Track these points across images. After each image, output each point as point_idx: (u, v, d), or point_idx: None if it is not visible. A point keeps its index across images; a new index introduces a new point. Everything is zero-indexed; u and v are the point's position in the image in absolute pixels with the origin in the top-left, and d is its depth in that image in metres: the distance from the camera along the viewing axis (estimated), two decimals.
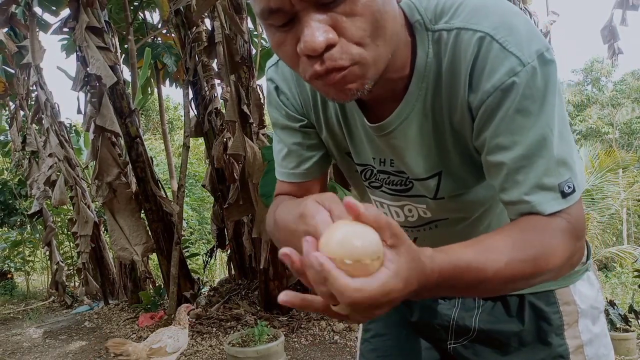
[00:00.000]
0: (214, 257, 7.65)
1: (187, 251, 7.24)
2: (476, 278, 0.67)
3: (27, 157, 6.84)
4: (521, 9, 6.84)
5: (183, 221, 5.88)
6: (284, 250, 0.55)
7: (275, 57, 0.98)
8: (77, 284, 7.93)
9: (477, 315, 1.05)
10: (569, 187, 0.75)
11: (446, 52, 0.79)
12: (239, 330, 4.98)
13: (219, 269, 10.30)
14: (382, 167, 0.96)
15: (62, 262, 7.47)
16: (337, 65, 0.69)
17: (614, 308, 4.72)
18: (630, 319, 4.75)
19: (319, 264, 0.52)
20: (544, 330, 0.99)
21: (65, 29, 5.98)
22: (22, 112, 7.09)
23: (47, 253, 7.64)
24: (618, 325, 4.61)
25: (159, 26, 7.38)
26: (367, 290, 0.53)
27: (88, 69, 5.39)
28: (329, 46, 0.67)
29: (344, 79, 0.70)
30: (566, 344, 0.98)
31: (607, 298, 5.65)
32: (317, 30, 0.66)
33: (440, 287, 0.64)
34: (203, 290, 6.63)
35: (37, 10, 6.64)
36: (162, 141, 8.11)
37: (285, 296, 0.58)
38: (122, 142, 5.93)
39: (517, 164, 0.76)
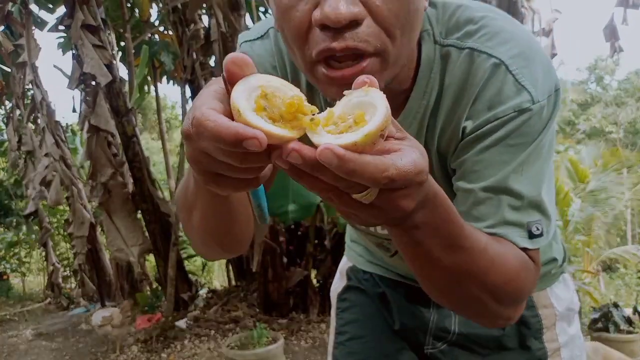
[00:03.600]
0: None
1: (185, 252, 7.18)
2: (458, 235, 0.62)
3: (23, 156, 6.78)
4: (525, 7, 6.81)
5: (180, 222, 5.80)
6: (292, 146, 0.43)
7: (253, 32, 0.86)
8: (73, 285, 7.89)
9: (456, 318, 1.05)
10: (537, 230, 0.73)
11: (453, 71, 0.73)
12: (237, 333, 4.95)
13: (218, 270, 10.24)
14: None
15: (58, 263, 7.43)
16: (359, 47, 0.60)
17: (617, 310, 4.67)
18: (634, 321, 4.69)
19: (336, 155, 0.42)
20: (523, 334, 1.00)
21: (61, 27, 5.93)
22: (18, 111, 7.04)
23: (43, 254, 7.60)
24: (622, 327, 4.56)
25: (156, 24, 7.31)
26: (404, 166, 0.45)
27: (83, 67, 5.33)
28: (354, 22, 0.59)
29: (361, 71, 0.61)
30: (545, 347, 0.99)
31: (610, 299, 5.59)
32: (345, 0, 0.57)
33: (433, 211, 0.57)
34: (201, 292, 6.58)
35: (34, 7, 6.58)
36: (160, 140, 8.05)
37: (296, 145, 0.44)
38: (119, 141, 5.87)
39: (487, 196, 0.71)
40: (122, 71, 7.14)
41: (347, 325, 1.19)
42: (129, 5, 6.80)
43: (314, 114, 0.47)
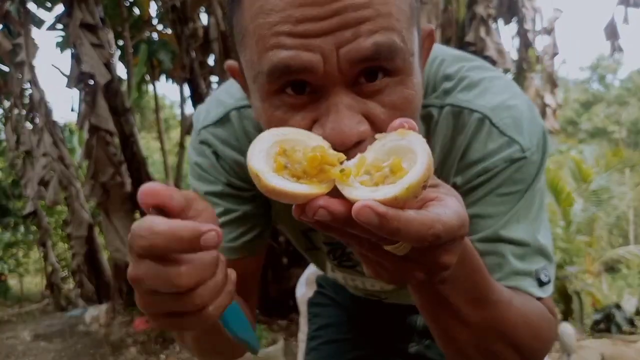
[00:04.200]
0: None
1: None
2: (485, 287, 0.60)
3: (22, 156, 6.75)
4: (526, 7, 6.77)
5: None
6: (319, 203, 0.40)
7: (211, 116, 0.80)
8: (71, 286, 7.88)
9: None
10: (545, 276, 0.71)
11: (436, 131, 0.72)
12: None
13: None
14: None
15: (57, 263, 7.41)
16: None
17: (619, 311, 4.66)
18: (636, 322, 4.67)
19: (377, 214, 0.37)
20: None
21: (60, 25, 5.90)
22: (16, 111, 7.01)
23: (42, 254, 7.59)
24: (624, 328, 4.55)
25: (155, 22, 7.28)
26: (450, 220, 0.42)
27: (82, 66, 5.30)
28: (359, 142, 0.54)
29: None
30: None
31: (613, 301, 5.56)
32: (349, 119, 0.53)
33: (463, 263, 0.53)
34: None
35: (31, 6, 6.56)
36: (158, 140, 8.03)
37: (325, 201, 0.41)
38: (117, 141, 5.85)
39: (489, 247, 0.69)
40: (121, 70, 7.13)
41: (321, 330, 1.17)
42: (127, 4, 6.77)
43: (341, 162, 0.43)
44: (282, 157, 0.43)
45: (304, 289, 1.26)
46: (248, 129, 0.78)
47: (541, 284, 0.71)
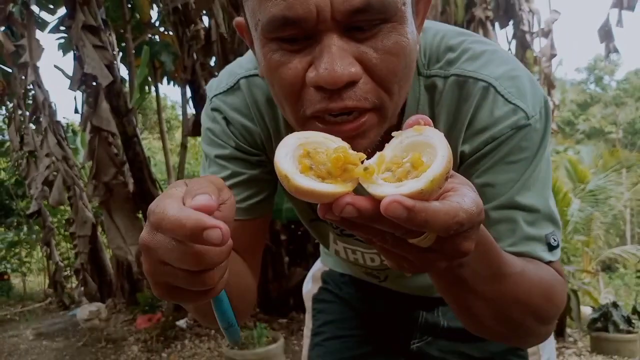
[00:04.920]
0: None
1: None
2: (498, 264, 0.62)
3: (26, 156, 6.79)
4: (522, 9, 6.81)
5: None
6: (346, 200, 0.41)
7: (222, 84, 0.84)
8: (74, 285, 7.89)
9: (444, 313, 1.07)
10: (554, 241, 0.74)
11: (441, 100, 0.73)
12: None
13: None
14: None
15: (61, 262, 7.43)
16: (359, 106, 0.59)
17: (617, 310, 4.67)
18: (633, 321, 4.69)
19: (406, 208, 0.39)
20: None
21: (62, 28, 5.92)
22: (19, 112, 7.04)
23: (47, 253, 7.60)
24: (621, 327, 4.56)
25: (156, 24, 7.31)
26: (470, 207, 0.43)
27: (84, 68, 5.33)
28: (351, 82, 0.57)
29: (360, 127, 0.60)
30: None
31: (610, 300, 5.59)
32: (341, 59, 0.56)
33: (477, 246, 0.54)
34: None
35: (34, 8, 6.58)
36: (160, 140, 8.05)
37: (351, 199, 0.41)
38: (119, 141, 5.89)
39: (501, 215, 0.72)
40: (123, 72, 7.17)
41: (325, 326, 1.17)
42: (129, 5, 6.80)
43: (362, 161, 0.44)
44: (306, 159, 0.45)
45: (310, 285, 1.27)
46: (257, 96, 0.81)
47: (551, 248, 0.73)
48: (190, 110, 6.04)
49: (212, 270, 0.46)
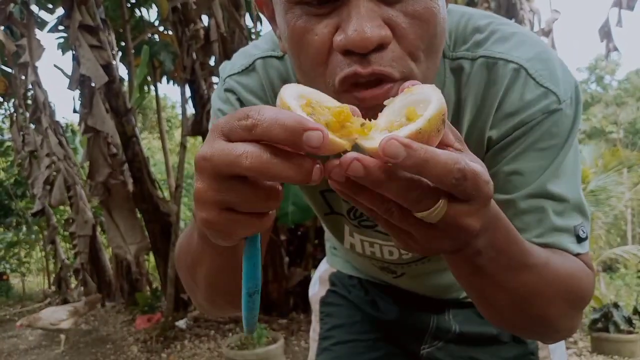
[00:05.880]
0: None
1: None
2: (520, 254, 0.59)
3: (27, 156, 6.79)
4: (523, 9, 6.79)
5: (180, 221, 5.83)
6: (352, 156, 0.39)
7: (237, 65, 0.81)
8: (73, 285, 7.90)
9: (455, 316, 1.06)
10: (583, 232, 0.70)
11: (468, 83, 0.70)
12: (237, 333, 4.95)
13: None
14: None
15: (66, 260, 7.43)
16: (385, 72, 0.55)
17: (618, 310, 4.66)
18: (634, 321, 4.68)
19: (404, 145, 0.37)
20: None
21: (61, 27, 5.91)
22: (20, 111, 7.04)
23: (52, 251, 7.62)
24: (622, 327, 4.55)
25: (157, 23, 7.30)
26: (475, 165, 0.41)
27: (80, 68, 5.31)
28: (380, 46, 0.54)
29: (386, 93, 0.56)
30: (535, 341, 1.00)
31: (611, 300, 5.57)
32: (371, 21, 0.53)
33: (495, 234, 0.53)
34: None
35: (34, 8, 6.57)
36: (160, 140, 8.05)
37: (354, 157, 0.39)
38: (118, 141, 5.88)
39: (530, 204, 0.68)
40: (122, 71, 7.16)
41: (333, 330, 1.14)
42: (129, 5, 6.79)
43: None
44: (308, 108, 0.43)
45: (317, 287, 1.24)
46: (273, 79, 0.78)
47: (579, 240, 0.70)
48: (190, 110, 6.03)
49: (275, 188, 0.43)
